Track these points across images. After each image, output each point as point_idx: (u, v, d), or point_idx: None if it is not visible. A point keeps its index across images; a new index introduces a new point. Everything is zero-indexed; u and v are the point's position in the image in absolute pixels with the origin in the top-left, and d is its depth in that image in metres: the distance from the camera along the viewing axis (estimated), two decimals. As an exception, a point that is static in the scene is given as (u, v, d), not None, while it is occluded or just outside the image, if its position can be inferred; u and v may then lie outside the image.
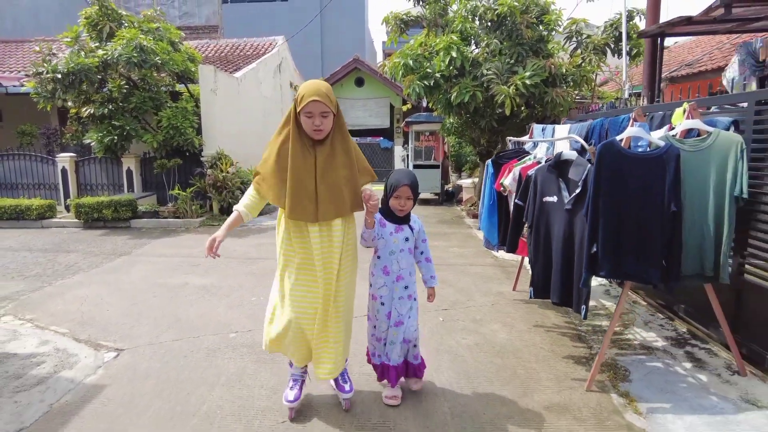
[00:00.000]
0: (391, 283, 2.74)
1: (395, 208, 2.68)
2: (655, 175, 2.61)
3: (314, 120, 2.43)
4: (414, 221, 2.78)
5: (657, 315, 4.15)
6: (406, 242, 2.73)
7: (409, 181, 2.64)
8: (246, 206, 2.61)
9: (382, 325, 2.77)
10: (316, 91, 2.41)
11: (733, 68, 4.76)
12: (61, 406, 2.89)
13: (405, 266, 2.74)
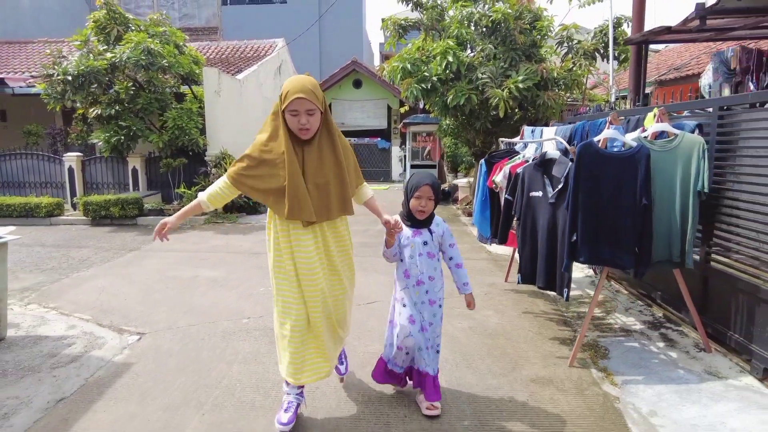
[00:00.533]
0: (413, 287, 2.68)
1: (415, 209, 2.61)
2: (628, 173, 2.95)
3: (300, 118, 2.30)
4: (437, 224, 2.71)
5: (637, 302, 4.50)
6: (424, 246, 2.66)
7: (430, 181, 2.58)
8: (209, 196, 2.49)
9: (404, 329, 2.66)
10: (301, 88, 2.27)
11: (708, 75, 5.12)
12: (95, 379, 3.21)
13: (425, 270, 2.66)
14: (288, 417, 2.54)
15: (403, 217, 2.71)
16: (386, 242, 2.64)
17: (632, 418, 2.71)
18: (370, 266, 5.63)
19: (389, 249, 2.65)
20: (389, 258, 2.71)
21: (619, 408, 2.82)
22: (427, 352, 2.67)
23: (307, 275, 2.46)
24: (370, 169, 17.99)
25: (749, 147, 3.09)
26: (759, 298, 2.98)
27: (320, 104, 2.35)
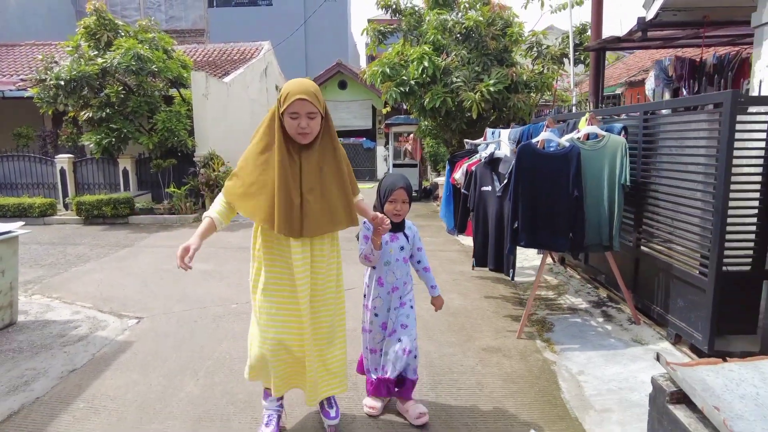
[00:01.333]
0: (386, 295, 2.63)
1: (390, 213, 2.52)
2: (561, 168, 3.46)
3: (300, 121, 2.17)
4: (408, 228, 2.67)
5: (587, 285, 5.02)
6: (401, 251, 2.61)
7: (404, 183, 2.52)
8: (219, 213, 2.34)
9: (377, 335, 2.67)
10: (303, 90, 2.15)
11: (651, 81, 5.67)
12: (101, 354, 3.64)
13: (400, 276, 2.62)
14: (270, 430, 2.47)
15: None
16: (373, 242, 2.49)
17: (563, 376, 3.22)
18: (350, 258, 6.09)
19: (377, 252, 2.52)
20: (373, 261, 2.58)
21: (554, 369, 3.33)
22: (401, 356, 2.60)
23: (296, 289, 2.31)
24: (356, 169, 18.33)
25: (667, 146, 3.61)
26: (672, 275, 3.50)
27: (322, 108, 2.23)
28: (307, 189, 2.25)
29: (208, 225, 2.33)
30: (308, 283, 2.33)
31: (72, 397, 3.04)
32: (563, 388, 3.10)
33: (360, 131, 18.89)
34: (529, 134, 4.32)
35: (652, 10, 5.06)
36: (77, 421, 2.78)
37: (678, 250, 3.49)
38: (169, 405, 2.93)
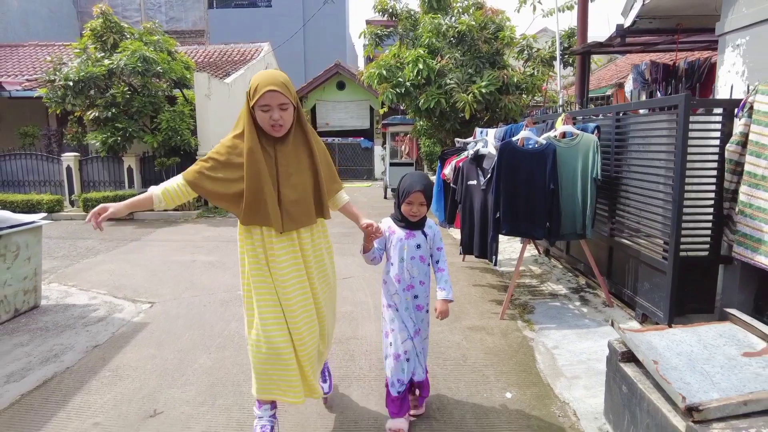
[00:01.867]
0: (403, 292, 2.56)
1: (408, 214, 2.49)
2: (539, 164, 3.82)
3: (272, 113, 2.11)
4: (429, 227, 2.59)
5: (568, 274, 5.39)
6: (417, 249, 2.53)
7: (421, 186, 2.44)
8: (165, 192, 2.19)
9: (399, 336, 2.56)
10: (273, 81, 2.09)
11: (629, 83, 6.04)
12: (121, 333, 3.99)
13: (417, 275, 2.55)
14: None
15: (395, 218, 2.59)
16: (364, 247, 2.50)
17: (539, 350, 3.59)
18: (348, 251, 6.45)
19: (367, 254, 2.52)
20: (367, 261, 2.57)
21: (531, 345, 3.69)
22: (419, 358, 2.62)
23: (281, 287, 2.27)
24: (354, 168, 18.82)
25: (635, 144, 3.97)
26: (640, 261, 3.87)
27: (293, 99, 2.18)
28: (284, 182, 2.20)
29: (145, 198, 2.18)
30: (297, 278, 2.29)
31: (98, 368, 3.39)
32: (538, 359, 3.46)
33: (358, 131, 19.24)
34: (512, 133, 4.69)
35: (629, 18, 5.43)
36: (105, 386, 3.14)
37: (645, 238, 3.85)
38: (185, 374, 3.29)
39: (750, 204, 3.30)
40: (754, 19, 4.18)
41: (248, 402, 2.89)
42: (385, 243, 2.58)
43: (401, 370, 2.56)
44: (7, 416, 2.82)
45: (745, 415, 1.88)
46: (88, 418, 2.79)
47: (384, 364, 2.65)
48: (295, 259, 2.30)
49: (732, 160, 3.42)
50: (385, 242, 2.57)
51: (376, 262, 2.58)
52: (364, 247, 2.51)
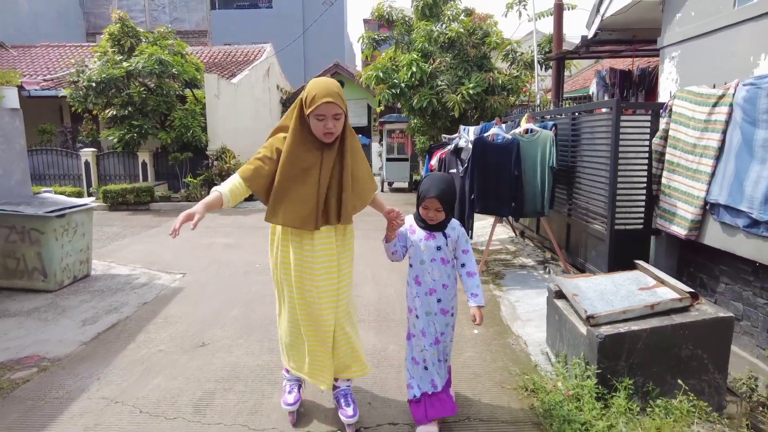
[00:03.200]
0: (424, 296, 2.48)
1: (425, 217, 2.45)
2: (506, 155, 4.68)
3: (326, 123, 2.24)
4: (452, 228, 2.50)
5: (537, 251, 6.28)
6: (438, 251, 2.45)
7: (436, 192, 2.35)
8: (229, 190, 2.28)
9: (419, 342, 2.51)
10: (329, 92, 2.21)
11: (593, 86, 6.91)
12: (162, 294, 4.85)
13: (438, 278, 2.46)
14: (293, 397, 2.65)
15: (416, 217, 2.53)
16: (386, 236, 2.50)
17: (504, 304, 4.47)
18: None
19: (389, 243, 2.51)
20: (387, 254, 2.56)
21: (498, 300, 4.57)
22: (439, 365, 2.53)
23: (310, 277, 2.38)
24: (351, 164, 19.68)
25: (586, 138, 4.84)
26: (589, 234, 4.74)
27: (345, 108, 2.30)
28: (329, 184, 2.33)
29: (215, 198, 2.26)
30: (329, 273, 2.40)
31: (150, 317, 4.25)
32: (502, 309, 4.35)
33: (356, 128, 20.06)
34: (485, 130, 5.55)
35: (591, 30, 6.30)
36: (160, 328, 4.00)
37: (592, 215, 4.73)
38: (221, 321, 4.15)
39: (668, 186, 4.17)
40: (684, 36, 5.07)
41: (276, 336, 3.76)
42: (406, 241, 2.52)
43: (419, 376, 2.52)
44: (92, 346, 3.68)
45: (624, 320, 2.76)
46: (153, 347, 3.65)
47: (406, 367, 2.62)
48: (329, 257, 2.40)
49: (657, 151, 4.28)
50: (406, 240, 2.52)
51: (397, 257, 2.54)
52: (387, 236, 2.50)
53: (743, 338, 3.54)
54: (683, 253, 4.39)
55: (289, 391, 2.68)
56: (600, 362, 2.67)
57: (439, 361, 2.53)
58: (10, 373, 3.23)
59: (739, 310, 3.58)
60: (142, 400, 2.91)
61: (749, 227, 3.30)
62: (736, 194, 3.42)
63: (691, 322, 2.68)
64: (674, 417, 2.49)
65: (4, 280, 4.75)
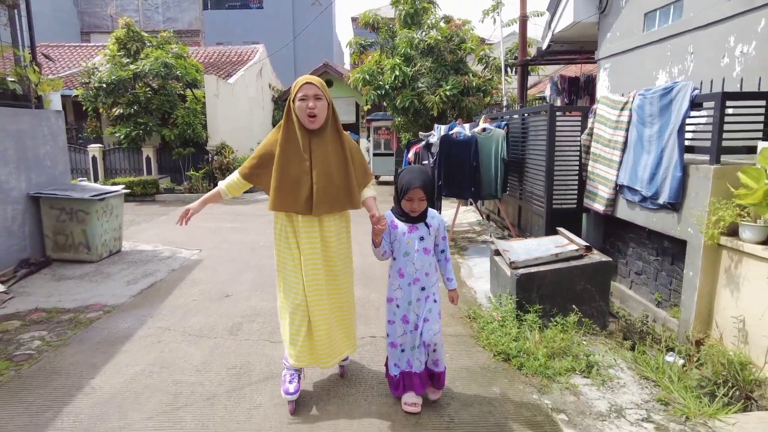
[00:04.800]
0: (407, 286, 2.59)
1: (408, 210, 2.54)
2: (466, 149, 5.78)
3: (308, 102, 2.46)
4: (432, 217, 2.62)
5: (499, 230, 7.41)
6: (421, 242, 2.56)
7: (420, 183, 2.47)
8: (227, 186, 2.71)
9: (398, 329, 2.64)
10: (309, 78, 2.55)
11: (548, 90, 8.05)
12: (186, 264, 5.88)
13: (421, 267, 2.57)
14: (294, 387, 2.73)
15: (396, 212, 2.63)
16: (373, 242, 2.59)
17: (464, 267, 5.58)
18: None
19: (377, 249, 2.60)
20: (378, 257, 2.66)
21: (459, 264, 5.68)
22: (420, 350, 2.62)
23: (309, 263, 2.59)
24: (341, 159, 20.69)
25: (532, 135, 5.95)
26: (533, 213, 5.86)
27: (327, 95, 2.55)
28: (316, 172, 2.52)
29: (214, 193, 2.74)
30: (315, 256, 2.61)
31: (180, 279, 5.29)
32: (462, 271, 5.46)
33: (345, 125, 21.06)
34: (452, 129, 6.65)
35: (545, 43, 7.43)
36: (190, 287, 5.04)
37: (536, 197, 5.85)
38: (238, 281, 5.21)
39: (593, 172, 5.29)
40: (612, 51, 6.23)
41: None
42: (390, 237, 2.62)
43: (397, 357, 2.70)
44: (139, 298, 4.72)
45: (536, 265, 3.87)
46: (188, 298, 4.70)
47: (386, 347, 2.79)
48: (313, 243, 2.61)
49: (585, 145, 5.40)
50: (390, 237, 2.61)
51: (386, 257, 2.64)
52: (373, 241, 2.59)
53: (642, 288, 4.68)
54: (605, 226, 5.52)
55: (289, 380, 2.76)
56: (518, 294, 3.78)
57: (419, 347, 2.61)
58: (84, 314, 4.26)
59: (640, 266, 4.72)
60: (188, 328, 3.97)
61: (642, 202, 4.42)
62: (633, 177, 4.55)
63: (583, 264, 3.81)
64: (567, 329, 3.61)
65: (55, 253, 5.75)
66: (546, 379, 3.08)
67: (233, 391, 2.98)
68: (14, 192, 5.36)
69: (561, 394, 2.94)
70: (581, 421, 2.68)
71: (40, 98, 5.84)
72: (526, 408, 2.79)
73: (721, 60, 4.45)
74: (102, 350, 3.56)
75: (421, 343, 2.60)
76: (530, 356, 3.27)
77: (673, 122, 3.98)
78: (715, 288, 3.67)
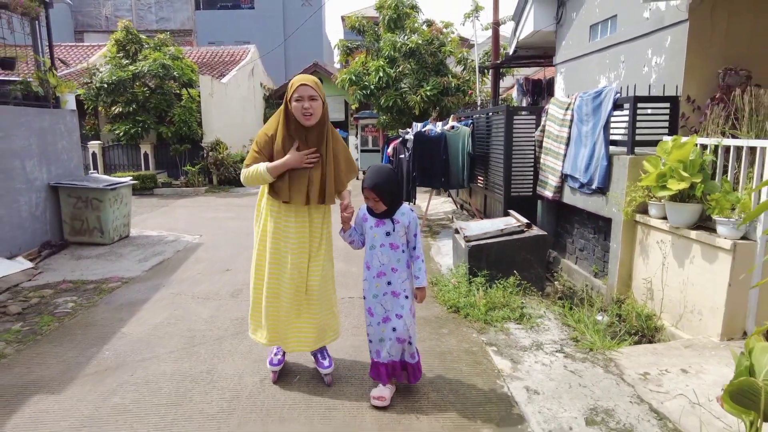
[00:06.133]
0: (372, 279, 2.66)
1: (369, 206, 2.66)
2: (437, 144, 6.58)
3: (303, 103, 2.57)
4: (402, 214, 2.65)
5: (470, 217, 8.22)
6: (387, 237, 2.62)
7: (369, 184, 2.56)
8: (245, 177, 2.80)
9: (368, 318, 2.73)
10: (306, 79, 2.64)
11: (515, 92, 8.88)
12: (189, 246, 6.64)
13: (387, 262, 2.63)
14: (278, 359, 2.98)
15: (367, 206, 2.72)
16: (343, 227, 2.74)
17: (434, 246, 6.39)
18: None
19: (344, 233, 2.73)
20: (347, 241, 2.79)
21: (431, 245, 6.48)
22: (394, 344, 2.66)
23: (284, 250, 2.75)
24: (330, 155, 21.46)
25: (494, 132, 6.76)
26: (495, 200, 6.68)
27: (322, 95, 2.67)
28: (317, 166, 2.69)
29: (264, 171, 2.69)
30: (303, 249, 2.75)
31: (185, 258, 6.04)
32: (432, 250, 6.27)
33: (335, 123, 21.83)
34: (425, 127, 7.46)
35: (511, 48, 8.25)
36: (194, 264, 5.80)
37: (497, 186, 6.67)
38: (237, 259, 5.97)
39: (544, 164, 6.11)
40: (567, 57, 7.06)
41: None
42: (362, 229, 2.75)
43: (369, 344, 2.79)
44: (151, 272, 5.47)
45: (485, 239, 4.68)
46: (194, 272, 5.46)
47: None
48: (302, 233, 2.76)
49: (538, 140, 6.22)
50: (362, 228, 2.75)
51: (355, 246, 2.79)
52: (343, 227, 2.73)
53: (584, 262, 5.50)
54: (557, 211, 6.35)
55: (275, 353, 3.02)
56: (470, 261, 4.59)
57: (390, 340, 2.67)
58: (105, 284, 5.01)
59: (582, 244, 5.55)
60: (196, 294, 4.73)
61: (580, 188, 5.24)
62: (574, 167, 5.36)
63: (523, 237, 4.62)
64: (508, 289, 4.42)
65: (72, 236, 6.47)
66: (485, 324, 3.89)
67: (237, 334, 3.76)
68: (37, 182, 6.08)
69: (495, 334, 3.75)
70: (507, 351, 3.49)
71: (58, 99, 6.55)
72: (466, 342, 3.60)
73: (643, 69, 5.28)
74: (126, 310, 4.32)
75: (397, 339, 2.65)
76: (475, 308, 4.07)
77: (602, 120, 4.80)
78: (632, 256, 4.51)
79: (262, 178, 2.70)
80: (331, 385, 2.95)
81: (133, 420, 2.65)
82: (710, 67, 4.50)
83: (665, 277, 4.04)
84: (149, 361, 3.34)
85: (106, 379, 3.10)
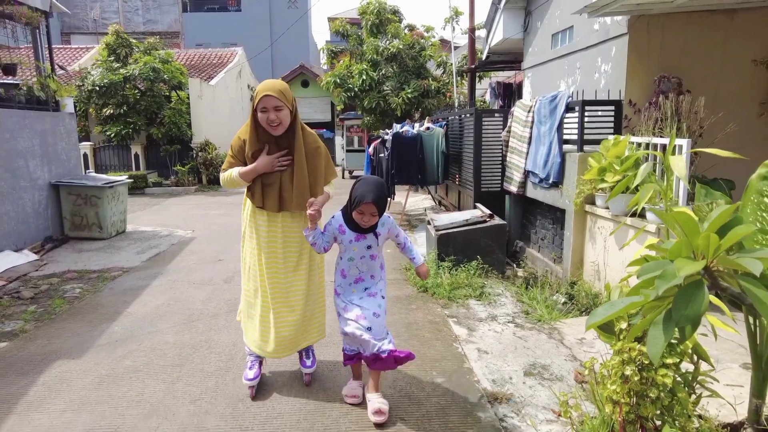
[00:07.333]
0: (347, 286, 2.64)
1: (358, 221, 2.49)
2: (414, 144, 7.13)
3: (269, 114, 2.54)
4: (382, 225, 2.58)
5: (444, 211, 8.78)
6: (368, 250, 2.58)
7: (372, 198, 2.39)
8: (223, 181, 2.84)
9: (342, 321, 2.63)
10: (270, 88, 2.54)
11: (488, 95, 9.47)
12: (183, 240, 7.11)
13: (366, 270, 2.62)
14: (253, 373, 2.89)
15: (345, 217, 2.58)
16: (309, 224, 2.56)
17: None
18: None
19: (307, 233, 2.56)
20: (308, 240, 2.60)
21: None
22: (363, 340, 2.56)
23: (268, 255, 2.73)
24: (317, 155, 21.93)
25: (466, 133, 7.32)
26: (467, 195, 7.24)
27: (289, 103, 2.58)
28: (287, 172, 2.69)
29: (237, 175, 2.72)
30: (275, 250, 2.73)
31: (179, 250, 6.52)
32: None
33: (321, 123, 22.35)
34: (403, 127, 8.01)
35: (484, 54, 8.83)
36: (188, 255, 6.28)
37: (468, 183, 7.23)
38: (228, 250, 6.46)
39: (510, 162, 6.69)
40: (533, 63, 7.65)
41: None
42: (334, 237, 2.60)
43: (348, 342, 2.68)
44: (148, 263, 5.95)
45: (452, 228, 5.23)
46: (189, 262, 5.95)
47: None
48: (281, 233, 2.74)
49: (505, 140, 6.79)
50: (333, 236, 2.60)
51: (317, 249, 2.62)
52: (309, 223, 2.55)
53: (545, 250, 6.07)
54: (523, 204, 6.93)
55: (249, 367, 2.93)
56: (438, 248, 5.14)
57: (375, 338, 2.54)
58: (108, 273, 5.48)
59: (543, 234, 6.12)
60: (192, 280, 5.22)
61: (540, 183, 5.81)
62: (535, 164, 5.93)
63: (486, 226, 5.18)
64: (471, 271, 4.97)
65: (72, 231, 6.91)
66: (449, 301, 4.44)
67: (230, 312, 4.26)
68: (40, 180, 6.51)
69: (456, 308, 4.30)
70: (466, 321, 4.04)
71: (58, 102, 6.99)
72: (431, 315, 4.15)
73: (594, 75, 5.87)
74: (129, 294, 4.80)
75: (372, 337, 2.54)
76: (441, 287, 4.62)
77: (557, 121, 5.37)
78: (583, 242, 5.09)
79: (237, 182, 2.75)
80: (309, 384, 2.98)
81: (144, 376, 3.16)
82: (648, 75, 5.10)
83: (608, 259, 4.62)
84: (154, 334, 3.83)
85: (117, 348, 3.59)
